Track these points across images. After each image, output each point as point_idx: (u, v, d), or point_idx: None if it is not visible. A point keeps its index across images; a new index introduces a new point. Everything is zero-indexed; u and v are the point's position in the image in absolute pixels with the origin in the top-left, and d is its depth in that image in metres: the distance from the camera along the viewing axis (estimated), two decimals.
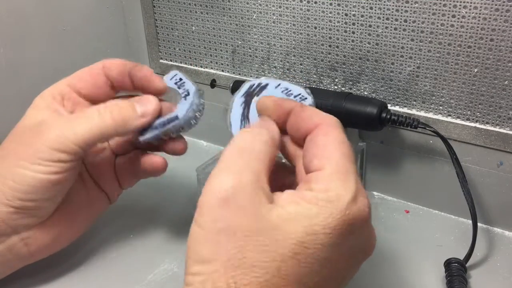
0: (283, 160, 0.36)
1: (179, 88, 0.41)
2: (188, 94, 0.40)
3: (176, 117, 0.39)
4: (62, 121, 0.38)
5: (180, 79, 0.42)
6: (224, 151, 0.30)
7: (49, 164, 0.36)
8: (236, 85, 0.53)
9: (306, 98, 0.36)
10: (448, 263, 0.41)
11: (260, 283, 0.26)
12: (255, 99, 0.37)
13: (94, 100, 0.42)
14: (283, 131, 0.34)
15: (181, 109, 0.40)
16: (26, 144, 0.37)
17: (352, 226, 0.28)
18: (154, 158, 0.42)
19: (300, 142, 0.33)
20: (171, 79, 0.42)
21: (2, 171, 0.37)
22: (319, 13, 0.49)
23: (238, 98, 0.38)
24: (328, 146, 0.30)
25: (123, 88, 0.42)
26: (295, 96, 0.36)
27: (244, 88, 0.38)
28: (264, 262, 0.26)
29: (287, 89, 0.36)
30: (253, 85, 0.38)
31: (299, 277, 0.27)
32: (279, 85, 0.37)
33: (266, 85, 0.37)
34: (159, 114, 0.40)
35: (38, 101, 0.41)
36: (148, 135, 0.40)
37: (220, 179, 0.28)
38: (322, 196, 0.28)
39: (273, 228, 0.27)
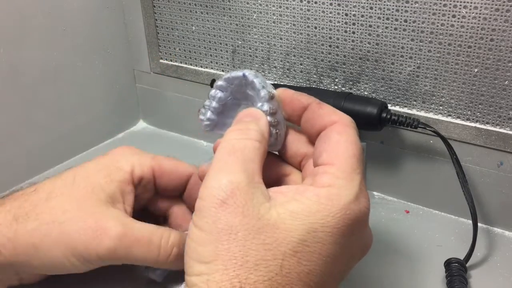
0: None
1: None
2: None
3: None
4: (122, 234, 0.35)
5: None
6: (217, 151, 0.30)
7: (88, 265, 0.35)
8: None
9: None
10: (448, 263, 0.41)
11: (264, 281, 0.26)
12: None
13: (161, 192, 0.41)
14: (294, 122, 0.34)
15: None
16: (79, 239, 0.34)
17: (352, 226, 0.28)
18: None
19: (313, 138, 0.33)
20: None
21: (33, 244, 0.35)
22: (319, 13, 0.49)
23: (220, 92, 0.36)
24: (340, 144, 0.30)
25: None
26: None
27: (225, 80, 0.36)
28: (267, 261, 0.26)
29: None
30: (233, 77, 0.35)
31: (301, 276, 0.27)
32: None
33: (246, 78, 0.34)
34: None
35: (114, 170, 0.38)
36: None
37: (216, 181, 0.28)
38: (323, 192, 0.28)
39: (274, 227, 0.27)
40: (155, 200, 0.42)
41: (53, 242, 0.34)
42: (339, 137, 0.31)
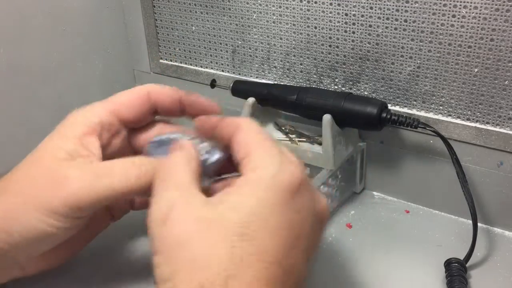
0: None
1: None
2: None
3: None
4: (86, 175, 0.35)
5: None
6: (154, 181, 0.33)
7: (62, 220, 0.35)
8: (236, 85, 0.53)
9: (214, 154, 0.37)
10: (448, 263, 0.41)
11: (219, 274, 0.26)
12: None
13: (133, 126, 0.40)
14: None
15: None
16: (42, 192, 0.35)
17: (287, 193, 0.30)
18: None
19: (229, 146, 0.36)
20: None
21: (7, 214, 0.34)
22: (319, 13, 0.49)
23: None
24: (248, 138, 0.33)
25: (169, 115, 0.41)
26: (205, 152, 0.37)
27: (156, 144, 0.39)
28: (220, 256, 0.27)
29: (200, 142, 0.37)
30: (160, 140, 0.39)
31: (259, 256, 0.27)
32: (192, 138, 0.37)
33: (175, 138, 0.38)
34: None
35: (68, 128, 0.38)
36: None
37: (155, 207, 0.30)
38: (252, 175, 0.30)
39: (218, 223, 0.28)
40: (136, 135, 0.42)
41: (21, 208, 0.35)
42: (244, 134, 0.33)
